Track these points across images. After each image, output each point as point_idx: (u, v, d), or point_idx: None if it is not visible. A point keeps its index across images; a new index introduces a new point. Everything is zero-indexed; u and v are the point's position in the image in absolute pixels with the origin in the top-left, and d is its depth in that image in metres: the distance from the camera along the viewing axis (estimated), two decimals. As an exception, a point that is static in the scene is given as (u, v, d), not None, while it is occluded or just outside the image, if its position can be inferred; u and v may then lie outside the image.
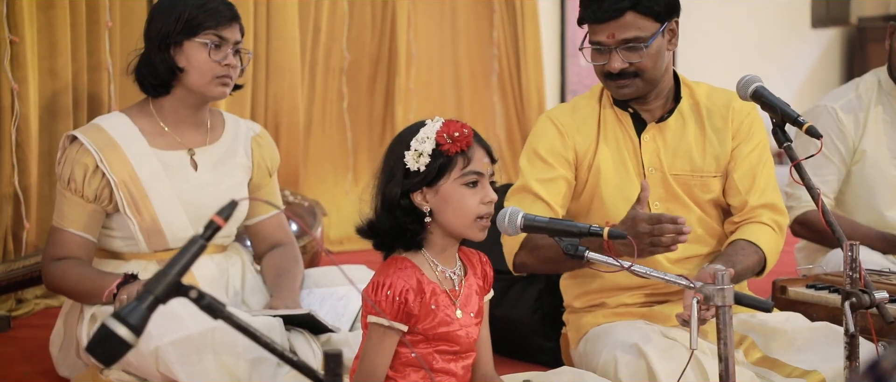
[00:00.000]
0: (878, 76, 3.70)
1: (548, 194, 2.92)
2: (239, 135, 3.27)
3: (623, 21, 2.83)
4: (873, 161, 3.63)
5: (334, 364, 1.73)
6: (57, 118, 3.96)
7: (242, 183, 3.24)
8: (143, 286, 1.80)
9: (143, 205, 3.06)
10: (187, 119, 3.15)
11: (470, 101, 6.19)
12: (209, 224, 1.78)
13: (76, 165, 3.04)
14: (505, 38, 6.23)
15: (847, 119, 3.62)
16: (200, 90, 3.07)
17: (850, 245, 2.49)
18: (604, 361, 2.84)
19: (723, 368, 2.28)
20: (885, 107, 3.65)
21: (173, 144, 3.14)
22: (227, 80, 3.07)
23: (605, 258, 2.40)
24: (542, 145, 2.97)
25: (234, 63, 3.07)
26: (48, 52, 3.94)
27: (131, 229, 3.08)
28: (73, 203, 3.05)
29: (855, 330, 2.50)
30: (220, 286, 3.14)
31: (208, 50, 3.03)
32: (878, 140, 3.64)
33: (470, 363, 2.55)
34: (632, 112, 2.98)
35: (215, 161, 3.19)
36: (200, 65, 3.03)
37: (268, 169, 3.32)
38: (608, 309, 3.00)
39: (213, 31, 3.03)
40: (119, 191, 3.04)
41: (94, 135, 3.07)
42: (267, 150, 3.32)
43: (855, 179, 3.65)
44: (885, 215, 3.63)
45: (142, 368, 2.84)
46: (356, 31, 5.56)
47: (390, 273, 2.42)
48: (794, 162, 2.75)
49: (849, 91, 3.71)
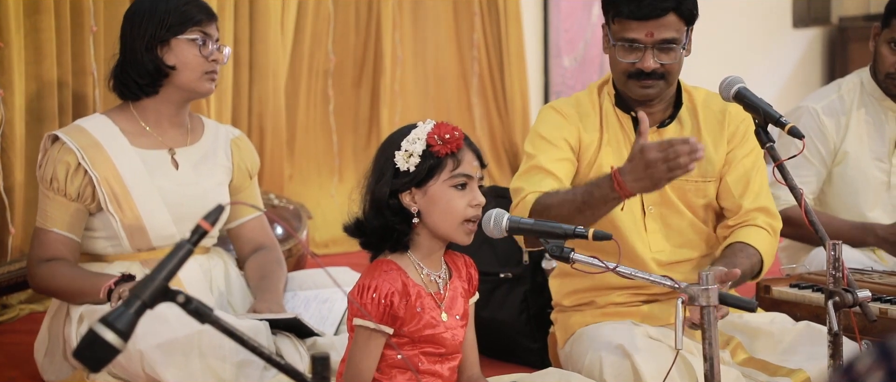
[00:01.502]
0: (860, 77, 3.72)
1: (559, 172, 2.89)
2: (219, 138, 3.29)
3: (664, 21, 2.82)
4: (855, 162, 3.64)
5: (322, 367, 1.74)
6: (42, 122, 3.95)
7: (223, 183, 3.26)
8: (129, 290, 1.81)
9: (125, 203, 3.07)
10: (169, 119, 3.17)
11: (455, 104, 6.20)
12: (196, 229, 1.78)
13: (58, 164, 3.05)
14: (487, 40, 6.24)
15: (829, 120, 3.64)
16: (190, 86, 3.10)
17: (833, 244, 2.51)
18: (589, 362, 2.85)
19: (708, 368, 2.30)
20: (867, 108, 3.67)
21: (154, 143, 3.15)
22: (214, 76, 3.13)
23: (590, 259, 2.41)
24: (546, 130, 2.94)
25: (222, 58, 3.13)
26: (33, 57, 3.94)
27: (114, 227, 3.08)
28: (57, 203, 3.05)
29: (838, 329, 2.52)
30: (204, 287, 3.15)
31: (198, 46, 3.07)
32: (861, 141, 3.65)
33: (456, 364, 2.56)
34: (633, 115, 2.95)
35: (195, 161, 3.21)
36: (190, 62, 3.08)
37: (248, 171, 3.34)
38: (597, 308, 3.01)
39: (198, 28, 3.09)
40: (101, 187, 3.05)
41: (76, 135, 3.08)
42: (246, 153, 3.34)
43: (836, 180, 3.67)
44: (866, 216, 3.65)
45: (128, 371, 2.84)
46: (341, 33, 5.56)
47: (376, 276, 2.43)
48: (776, 162, 2.77)
49: (831, 92, 3.72)
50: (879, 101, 3.66)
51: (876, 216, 3.65)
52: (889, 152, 3.67)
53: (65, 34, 4.03)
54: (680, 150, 2.46)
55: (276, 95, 5.07)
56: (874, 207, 3.65)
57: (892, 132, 3.67)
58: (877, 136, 3.66)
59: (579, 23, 6.77)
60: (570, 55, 6.74)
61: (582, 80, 6.76)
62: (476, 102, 6.28)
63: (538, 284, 3.57)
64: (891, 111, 3.66)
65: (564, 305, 3.07)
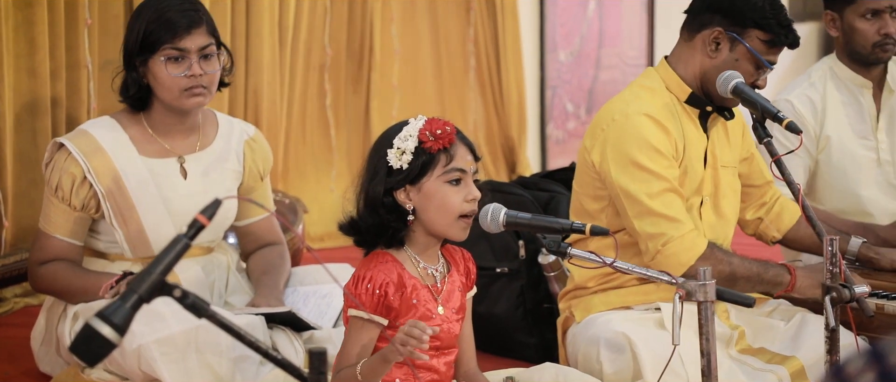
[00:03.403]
0: (827, 63, 3.73)
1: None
2: (232, 139, 3.21)
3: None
4: (839, 144, 3.64)
5: (319, 362, 1.73)
6: (35, 116, 3.93)
7: (232, 189, 3.19)
8: (126, 285, 1.80)
9: (129, 215, 3.03)
10: (175, 126, 3.10)
11: (451, 98, 6.19)
12: (193, 223, 1.77)
13: (64, 175, 3.00)
14: (484, 34, 6.23)
15: (804, 109, 3.64)
16: (173, 104, 3.02)
17: (830, 239, 2.50)
18: (585, 353, 2.86)
19: (705, 364, 2.29)
20: (841, 91, 3.67)
21: (162, 152, 3.09)
22: (197, 90, 2.99)
23: (588, 254, 2.41)
24: (658, 142, 2.89)
25: (202, 71, 2.97)
26: (26, 50, 3.91)
27: (117, 238, 3.06)
28: (60, 210, 3.03)
29: (835, 325, 2.52)
30: (204, 288, 3.12)
31: (165, 65, 2.95)
32: (841, 123, 3.65)
33: (452, 359, 2.55)
34: (701, 111, 3.00)
35: (205, 167, 3.14)
36: (164, 82, 2.97)
37: (260, 173, 3.27)
38: (624, 288, 2.98)
39: (169, 46, 2.95)
40: (106, 202, 3.01)
41: (80, 142, 3.02)
42: (260, 154, 3.26)
43: (823, 166, 3.66)
44: (860, 195, 3.63)
45: (124, 367, 2.83)
46: (337, 27, 5.54)
47: (371, 266, 2.43)
48: (774, 157, 2.78)
49: (802, 81, 3.73)
50: (852, 81, 3.66)
51: (869, 195, 3.63)
52: (872, 128, 3.66)
53: (58, 27, 4.00)
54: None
55: (271, 89, 5.05)
56: (867, 185, 3.64)
57: (871, 108, 3.67)
58: (856, 116, 3.66)
59: (575, 17, 6.77)
60: (567, 49, 6.74)
61: (578, 75, 6.76)
62: (472, 96, 6.27)
63: (535, 279, 3.56)
64: (865, 88, 3.65)
65: (590, 287, 3.02)
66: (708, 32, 2.94)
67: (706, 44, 2.94)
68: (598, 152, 2.90)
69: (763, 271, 2.89)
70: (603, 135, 2.90)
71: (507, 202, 2.57)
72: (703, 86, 2.97)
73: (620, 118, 2.89)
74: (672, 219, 2.82)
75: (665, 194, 2.84)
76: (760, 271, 2.89)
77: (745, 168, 3.15)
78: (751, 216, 3.21)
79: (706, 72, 2.95)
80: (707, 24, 2.94)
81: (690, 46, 2.98)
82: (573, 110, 6.79)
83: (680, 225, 2.82)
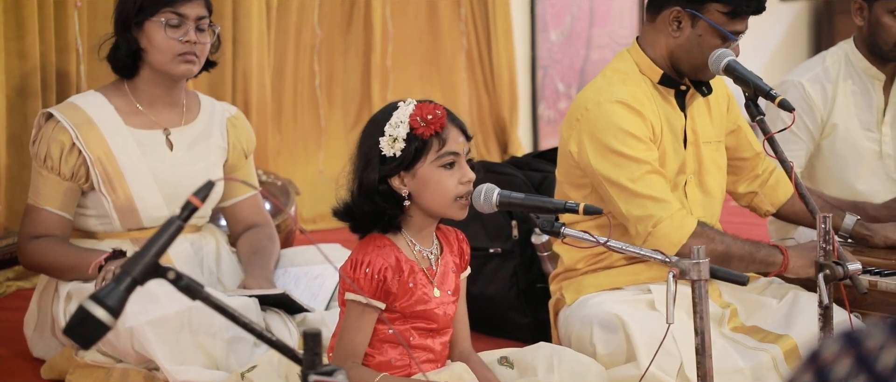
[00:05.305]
0: (844, 49, 3.71)
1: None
2: (215, 117, 3.25)
3: None
4: (845, 134, 3.64)
5: (313, 343, 1.73)
6: (26, 99, 3.92)
7: (218, 163, 3.23)
8: (120, 267, 1.80)
9: (117, 183, 3.05)
10: (161, 98, 3.13)
11: (442, 79, 6.17)
12: (186, 205, 1.77)
13: (53, 143, 3.02)
14: (475, 14, 6.21)
15: (815, 93, 3.64)
16: (163, 69, 3.05)
17: (823, 217, 2.51)
18: (578, 334, 2.87)
19: (699, 342, 2.30)
20: (853, 80, 3.67)
21: (148, 124, 3.12)
22: (190, 58, 3.04)
23: (581, 234, 2.41)
24: (632, 127, 2.87)
25: (196, 39, 3.04)
26: (16, 33, 3.89)
27: (106, 207, 3.07)
28: (50, 181, 3.03)
29: (829, 302, 2.52)
30: (194, 265, 3.14)
31: (164, 28, 3.00)
32: (849, 112, 3.65)
33: (447, 339, 2.56)
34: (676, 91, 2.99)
35: (191, 141, 3.18)
36: (159, 44, 3.02)
37: (244, 150, 3.31)
38: (614, 268, 2.99)
39: (170, 9, 3.01)
40: (94, 168, 3.03)
41: (70, 113, 3.05)
42: (242, 132, 3.30)
43: (825, 153, 3.67)
44: (856, 188, 3.65)
45: (118, 348, 2.83)
46: (327, 9, 5.52)
47: (369, 251, 2.42)
48: (766, 135, 2.77)
49: (816, 64, 3.72)
50: (866, 72, 3.66)
51: (867, 187, 3.64)
52: (878, 121, 3.67)
53: (48, 9, 3.98)
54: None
55: (260, 71, 5.03)
56: (867, 178, 3.64)
57: (879, 101, 3.67)
58: (865, 107, 3.66)
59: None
60: (557, 29, 6.72)
61: (569, 55, 6.74)
62: (463, 77, 6.26)
63: (528, 259, 3.56)
64: (877, 80, 3.66)
65: (579, 268, 3.02)
66: (668, 12, 2.92)
67: (668, 24, 2.92)
68: (575, 143, 2.90)
69: (755, 250, 2.89)
70: (578, 125, 2.90)
71: (500, 182, 2.57)
72: (673, 66, 2.96)
73: (593, 107, 2.89)
74: (658, 200, 2.82)
75: (647, 176, 2.84)
76: (752, 250, 2.89)
77: (732, 140, 3.14)
78: (744, 189, 3.21)
79: (672, 52, 2.94)
80: (666, 4, 2.93)
81: (654, 28, 2.96)
82: (564, 90, 6.78)
83: (667, 205, 2.82)
